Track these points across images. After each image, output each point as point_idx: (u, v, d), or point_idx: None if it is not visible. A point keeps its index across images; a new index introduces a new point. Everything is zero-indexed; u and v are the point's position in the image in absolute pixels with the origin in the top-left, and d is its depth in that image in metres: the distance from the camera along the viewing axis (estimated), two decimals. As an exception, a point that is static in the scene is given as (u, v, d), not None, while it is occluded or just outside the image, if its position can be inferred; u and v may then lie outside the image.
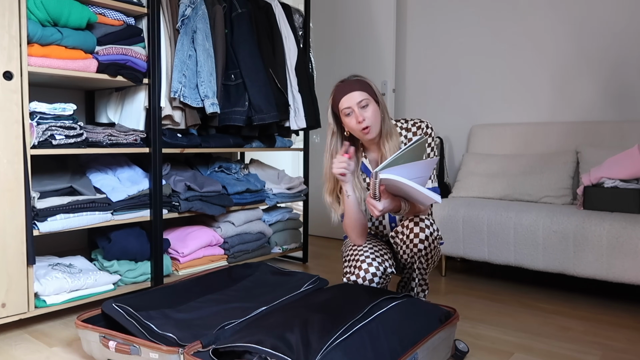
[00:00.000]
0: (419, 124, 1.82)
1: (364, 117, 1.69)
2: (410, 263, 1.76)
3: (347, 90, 1.71)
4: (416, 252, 1.70)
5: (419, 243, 1.69)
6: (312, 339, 1.25)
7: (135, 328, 1.47)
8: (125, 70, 2.04)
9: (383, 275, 1.74)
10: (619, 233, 2.09)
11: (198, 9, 2.28)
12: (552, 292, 2.44)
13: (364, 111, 1.69)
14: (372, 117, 1.70)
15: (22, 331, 1.87)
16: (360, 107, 1.69)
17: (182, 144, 2.30)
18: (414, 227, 1.69)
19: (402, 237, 1.73)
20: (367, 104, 1.69)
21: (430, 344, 1.41)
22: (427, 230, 1.69)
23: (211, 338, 1.40)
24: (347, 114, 1.72)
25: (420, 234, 1.68)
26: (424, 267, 1.77)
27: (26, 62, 1.78)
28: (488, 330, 1.92)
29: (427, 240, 1.69)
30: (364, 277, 1.72)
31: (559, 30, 2.95)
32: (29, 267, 1.82)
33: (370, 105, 1.70)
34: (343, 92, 1.71)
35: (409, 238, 1.70)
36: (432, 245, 1.71)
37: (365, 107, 1.69)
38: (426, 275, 1.82)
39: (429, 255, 1.73)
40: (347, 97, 1.70)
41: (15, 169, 1.77)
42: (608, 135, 2.69)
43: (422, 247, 1.69)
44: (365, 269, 1.73)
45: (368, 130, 1.71)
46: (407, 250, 1.72)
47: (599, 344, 1.80)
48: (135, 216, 2.15)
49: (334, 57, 3.68)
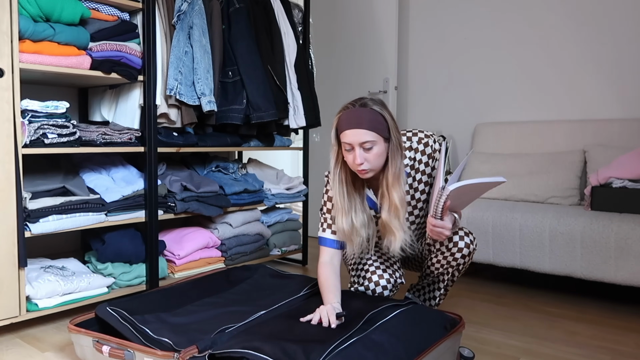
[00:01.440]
0: (425, 140, 1.66)
1: (364, 160, 1.51)
2: (440, 273, 1.75)
3: (352, 124, 1.49)
4: (454, 265, 1.69)
5: (460, 258, 1.68)
6: (312, 348, 1.24)
7: (130, 332, 1.46)
8: (119, 67, 2.04)
9: (394, 286, 1.73)
10: (628, 234, 2.08)
11: (194, 4, 2.27)
12: (559, 296, 2.43)
13: (365, 153, 1.50)
14: (373, 160, 1.51)
15: (13, 335, 1.86)
16: (362, 148, 1.50)
17: (178, 143, 2.29)
18: (459, 241, 1.67)
19: (438, 247, 1.71)
20: (372, 146, 1.49)
21: (436, 352, 1.39)
22: (472, 246, 1.68)
23: (208, 343, 1.39)
24: (347, 149, 1.53)
25: (465, 249, 1.67)
26: (453, 278, 1.76)
27: (17, 58, 1.77)
28: (493, 334, 1.91)
29: (469, 256, 1.69)
30: (373, 290, 1.70)
31: (567, 26, 2.94)
32: (21, 270, 1.81)
33: (375, 147, 1.50)
34: (348, 124, 1.50)
35: (448, 249, 1.68)
36: (468, 258, 1.70)
37: (369, 150, 1.50)
38: (452, 285, 1.81)
39: (464, 268, 1.72)
40: (350, 133, 1.49)
41: (6, 169, 1.76)
42: (617, 134, 2.68)
43: (462, 262, 1.69)
44: (376, 281, 1.70)
45: (365, 173, 1.54)
46: (443, 260, 1.70)
47: (608, 348, 1.79)
48: (130, 217, 2.14)
49: (334, 53, 3.68)
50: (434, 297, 1.81)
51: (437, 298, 1.81)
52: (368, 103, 1.51)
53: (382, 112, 1.51)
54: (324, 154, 3.73)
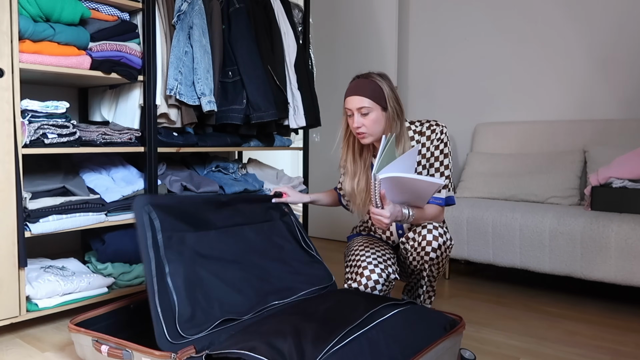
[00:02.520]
0: (434, 127, 1.78)
1: (362, 124, 1.70)
2: (419, 270, 1.75)
3: (353, 92, 1.71)
4: (427, 260, 1.69)
5: (431, 252, 1.67)
6: (307, 347, 1.24)
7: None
8: (119, 67, 2.04)
9: (386, 281, 1.73)
10: (628, 234, 2.08)
11: (194, 4, 2.27)
12: (559, 296, 2.42)
13: (362, 118, 1.70)
14: (370, 125, 1.69)
15: (13, 335, 1.86)
16: (360, 113, 1.70)
17: (178, 143, 2.29)
18: (427, 235, 1.68)
19: (412, 244, 1.71)
20: (368, 112, 1.69)
21: (434, 353, 1.38)
22: (440, 239, 1.68)
23: (205, 343, 1.39)
24: (348, 115, 1.74)
25: (433, 242, 1.67)
26: (433, 275, 1.76)
27: (17, 58, 1.77)
28: (493, 334, 1.91)
29: (440, 249, 1.68)
30: (365, 284, 1.71)
31: (567, 26, 2.94)
32: (21, 270, 1.81)
33: (371, 113, 1.69)
34: (349, 92, 1.72)
35: (420, 245, 1.69)
36: (443, 254, 1.70)
37: (365, 115, 1.69)
38: (434, 282, 1.81)
39: (440, 264, 1.72)
40: (350, 100, 1.71)
41: (6, 169, 1.76)
42: (617, 133, 2.68)
43: (435, 256, 1.68)
44: (367, 275, 1.71)
45: (363, 137, 1.72)
46: (418, 257, 1.71)
47: (608, 348, 1.78)
48: (130, 217, 2.14)
49: (334, 53, 3.67)
50: (419, 295, 1.81)
51: (422, 295, 1.80)
52: (371, 75, 1.72)
53: (381, 84, 1.69)
54: (324, 154, 3.73)
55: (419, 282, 1.80)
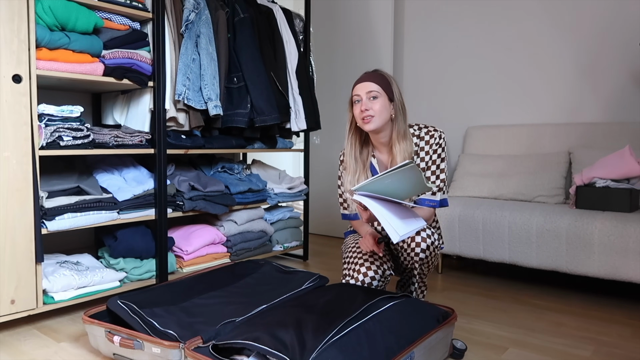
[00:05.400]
0: (432, 132, 1.75)
1: (369, 107, 1.65)
2: (410, 269, 1.75)
3: (363, 79, 1.69)
4: (417, 260, 1.68)
5: (420, 252, 1.66)
6: (308, 337, 1.24)
7: (138, 325, 1.46)
8: (131, 73, 2.04)
9: (382, 277, 1.73)
10: (610, 231, 2.08)
11: (202, 14, 2.27)
12: (545, 289, 2.43)
13: (371, 102, 1.66)
14: (377, 109, 1.65)
15: (30, 327, 1.86)
16: (368, 97, 1.66)
17: (186, 145, 2.29)
18: (416, 236, 1.67)
19: (402, 244, 1.70)
20: (377, 96, 1.66)
21: (427, 343, 1.39)
22: (429, 240, 1.66)
23: (211, 334, 1.39)
24: (356, 101, 1.70)
25: (422, 243, 1.66)
26: (424, 272, 1.75)
27: (35, 65, 1.77)
28: (483, 325, 1.91)
29: (428, 250, 1.67)
30: (362, 281, 1.70)
31: (552, 34, 2.94)
32: (38, 265, 1.82)
33: (380, 98, 1.66)
34: (359, 80, 1.70)
35: (410, 246, 1.68)
36: (432, 255, 1.69)
37: (374, 99, 1.66)
38: (425, 278, 1.80)
39: (429, 263, 1.71)
40: (360, 85, 1.69)
41: (24, 170, 1.76)
42: (600, 136, 2.68)
43: (424, 257, 1.67)
44: (364, 272, 1.71)
45: (368, 120, 1.66)
46: (408, 257, 1.70)
47: (591, 339, 1.79)
48: (141, 215, 2.14)
49: (334, 60, 3.67)
50: (412, 291, 1.80)
51: (414, 292, 1.80)
52: (379, 70, 1.74)
53: (389, 78, 1.71)
54: (324, 155, 3.73)
55: (411, 279, 1.80)
